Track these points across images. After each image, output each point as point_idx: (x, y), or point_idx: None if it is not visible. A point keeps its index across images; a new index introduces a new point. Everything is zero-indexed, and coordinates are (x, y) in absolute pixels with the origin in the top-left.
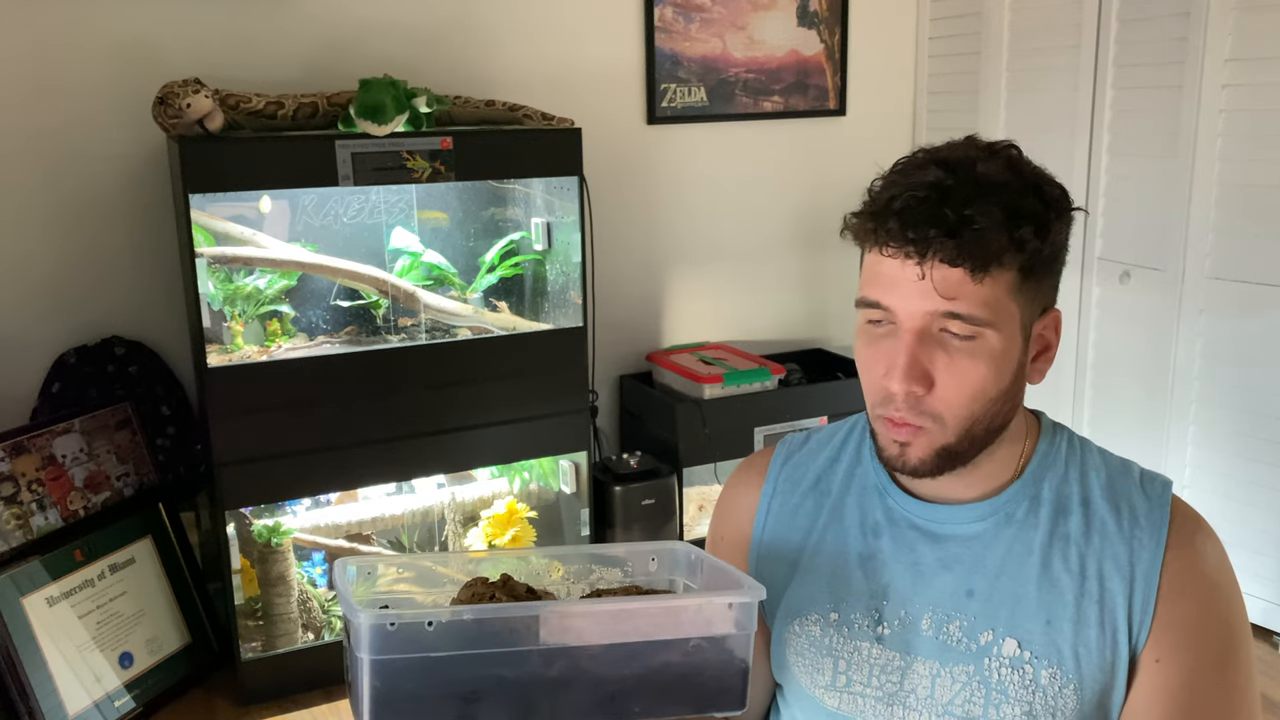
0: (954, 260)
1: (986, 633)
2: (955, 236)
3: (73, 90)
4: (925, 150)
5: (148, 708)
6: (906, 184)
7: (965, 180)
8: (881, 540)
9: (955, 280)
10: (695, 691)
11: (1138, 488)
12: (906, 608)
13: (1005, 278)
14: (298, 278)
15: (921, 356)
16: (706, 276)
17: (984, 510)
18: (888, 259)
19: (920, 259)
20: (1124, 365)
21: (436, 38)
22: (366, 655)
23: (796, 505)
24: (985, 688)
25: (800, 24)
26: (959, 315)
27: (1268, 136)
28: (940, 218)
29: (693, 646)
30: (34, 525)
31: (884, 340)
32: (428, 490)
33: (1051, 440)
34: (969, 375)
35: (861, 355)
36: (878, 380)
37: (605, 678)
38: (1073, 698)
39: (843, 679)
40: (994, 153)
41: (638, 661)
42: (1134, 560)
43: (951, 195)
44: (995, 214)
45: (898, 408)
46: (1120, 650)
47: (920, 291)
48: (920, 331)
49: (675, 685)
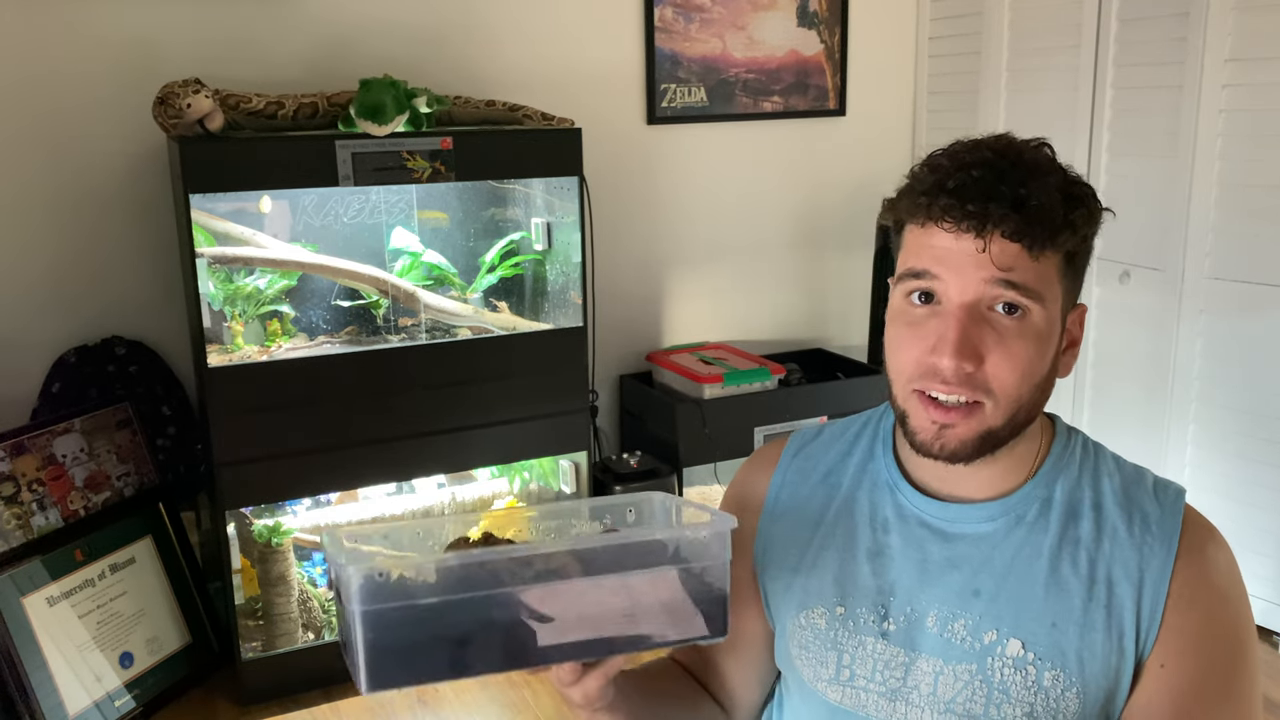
0: (1014, 234)
1: (990, 632)
2: (1019, 210)
3: (73, 90)
4: (965, 141)
5: (148, 708)
6: (957, 165)
7: (1017, 163)
8: (890, 536)
9: (1012, 254)
10: (679, 620)
11: (1150, 495)
12: (912, 604)
13: (1055, 259)
14: (298, 278)
15: (972, 333)
16: (706, 276)
17: (995, 510)
18: (943, 231)
19: (979, 232)
20: (1124, 365)
21: (437, 38)
22: (358, 607)
23: (806, 497)
24: (987, 687)
25: (800, 24)
26: (1014, 284)
27: (1268, 136)
28: (999, 193)
29: (671, 579)
30: (34, 525)
31: (928, 320)
32: (428, 490)
33: (1066, 443)
34: (1019, 353)
35: (899, 335)
36: (920, 356)
37: (593, 614)
38: (1075, 701)
39: (846, 673)
40: (1034, 146)
41: (621, 595)
42: (1144, 567)
43: (1007, 175)
44: (1052, 194)
45: (945, 380)
46: (1126, 656)
47: (977, 263)
48: (970, 306)
49: (660, 614)
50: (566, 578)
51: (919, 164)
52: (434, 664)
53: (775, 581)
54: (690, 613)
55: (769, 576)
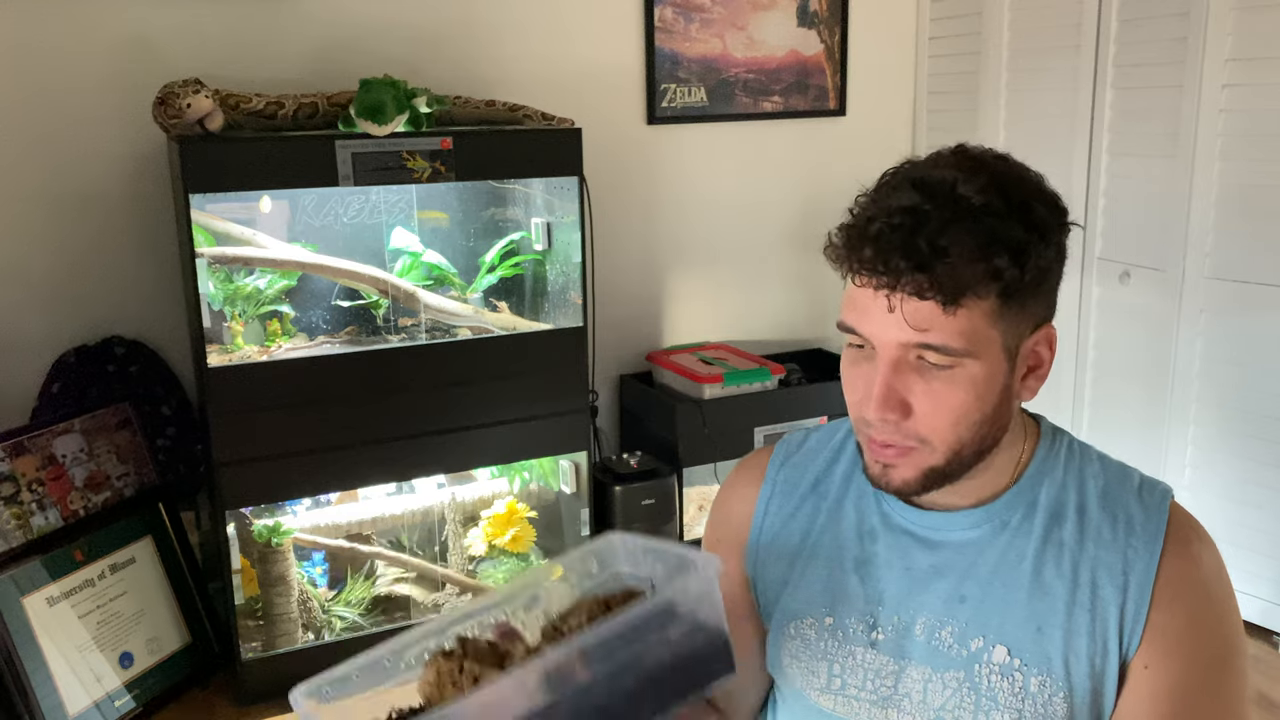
0: (923, 293)
1: (977, 639)
2: (926, 270)
3: (73, 90)
4: (909, 165)
5: (148, 708)
6: (882, 208)
7: (942, 205)
8: (877, 545)
9: (926, 312)
10: (690, 675)
11: (1135, 496)
12: (900, 613)
13: (982, 306)
14: (298, 278)
15: (897, 384)
16: (706, 276)
17: (978, 517)
18: (861, 288)
19: (890, 290)
20: (1124, 365)
21: (437, 38)
22: None
23: (795, 507)
24: (975, 694)
25: (800, 24)
26: (932, 346)
27: (1268, 136)
28: (912, 248)
29: (675, 638)
30: (34, 525)
31: (863, 364)
32: (428, 490)
33: (1050, 446)
34: (948, 401)
35: (845, 374)
36: (858, 403)
37: (607, 705)
38: (1062, 705)
39: (837, 682)
40: (977, 171)
41: (632, 674)
42: (1128, 569)
43: (926, 222)
44: (969, 243)
45: (878, 431)
46: (1110, 658)
47: (892, 322)
48: (895, 361)
49: (670, 677)
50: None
51: (864, 192)
52: None
53: (767, 592)
54: (698, 662)
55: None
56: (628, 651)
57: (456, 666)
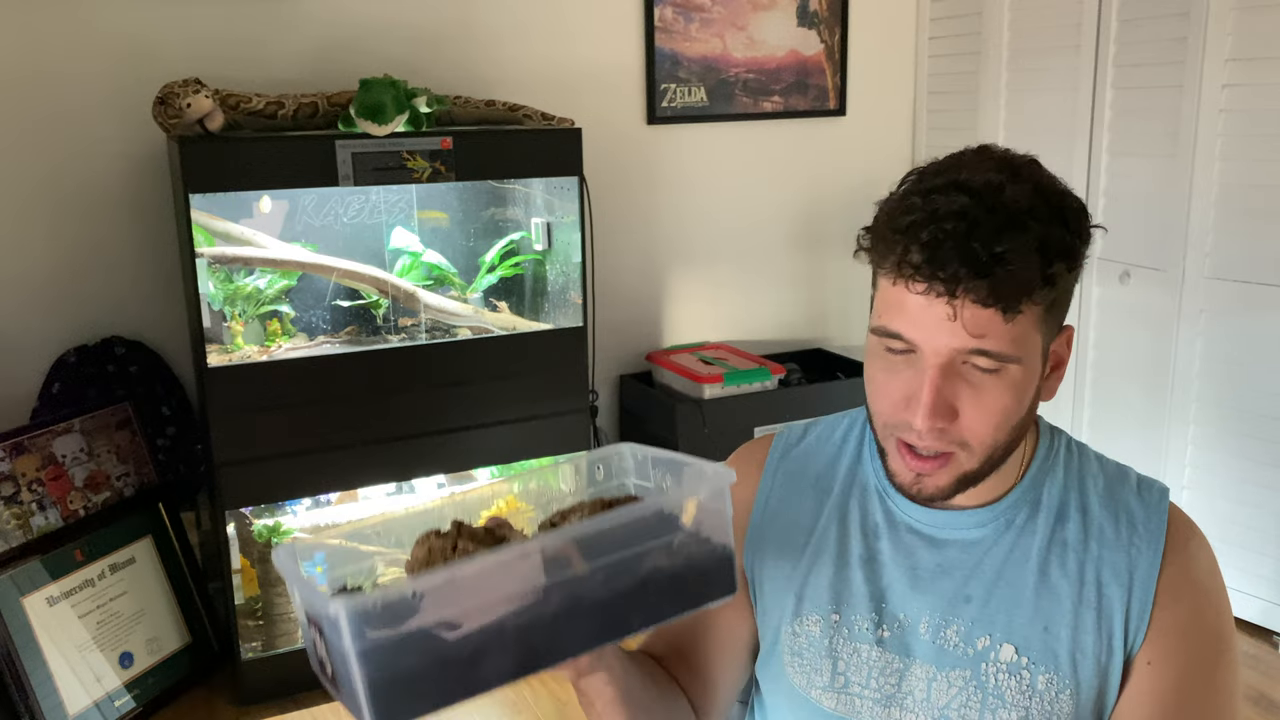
0: (986, 301)
1: (983, 638)
2: (988, 275)
3: (73, 90)
4: (945, 169)
5: (148, 708)
6: (930, 211)
7: (993, 210)
8: (881, 543)
9: (985, 319)
10: (687, 588)
11: (1135, 495)
12: (905, 611)
13: (1035, 311)
14: (298, 278)
15: (945, 391)
16: (706, 276)
17: (985, 516)
18: (913, 294)
19: (950, 297)
20: (1124, 365)
21: (436, 38)
22: (352, 645)
23: (797, 504)
24: (982, 692)
25: (800, 24)
26: (987, 353)
27: (1268, 136)
28: (970, 254)
29: (677, 545)
30: (34, 525)
31: (903, 369)
32: (428, 490)
33: (1050, 445)
34: (994, 406)
35: (877, 379)
36: (894, 406)
37: (601, 599)
38: (1069, 703)
39: (841, 680)
40: (1017, 175)
41: (629, 575)
42: (1132, 568)
43: (980, 227)
44: (1028, 250)
45: (920, 437)
46: (1115, 655)
47: (948, 330)
48: (945, 367)
49: (668, 587)
50: (568, 566)
51: (894, 195)
52: (444, 688)
53: (768, 588)
54: (697, 576)
55: (761, 582)
56: (627, 551)
57: (449, 545)
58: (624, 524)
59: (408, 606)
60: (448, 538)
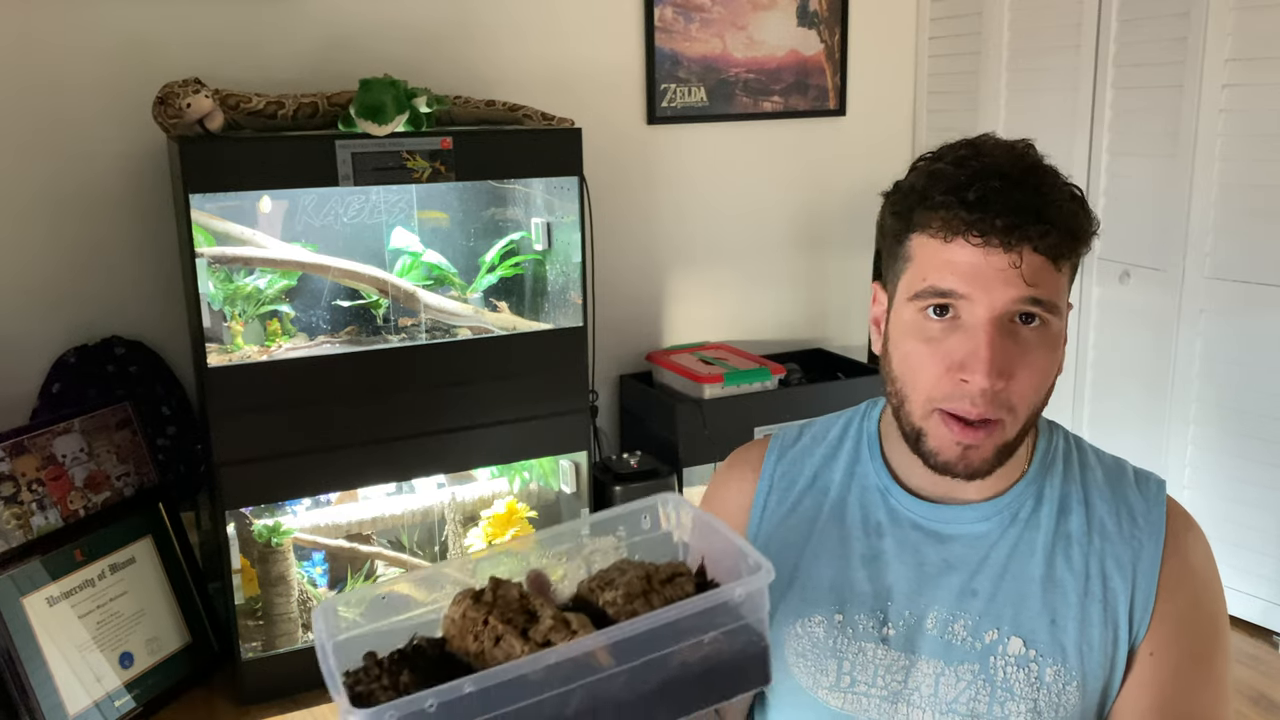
0: (1042, 248)
1: (991, 631)
2: (1046, 221)
3: (73, 90)
4: (952, 144)
5: (148, 708)
6: (970, 174)
7: (1029, 170)
8: (885, 540)
9: (1039, 266)
10: (719, 681)
11: (1133, 487)
12: (911, 608)
13: (1069, 267)
14: (298, 278)
15: (1002, 350)
16: (706, 276)
17: (989, 510)
18: (970, 246)
19: (1009, 247)
20: (1124, 365)
21: (436, 38)
22: None
23: (794, 504)
24: (990, 686)
25: (800, 24)
26: (1040, 301)
27: (1268, 136)
28: (1022, 205)
29: (709, 641)
30: (34, 525)
31: (948, 336)
32: (428, 490)
33: (1050, 438)
34: (1040, 365)
35: (917, 352)
36: (942, 375)
37: (625, 700)
38: (1076, 694)
39: (847, 679)
40: (1026, 147)
41: (655, 673)
42: (1135, 561)
43: (1023, 184)
44: (1068, 202)
45: (974, 402)
46: (1120, 646)
47: (1007, 280)
48: (998, 321)
49: (698, 681)
50: (594, 668)
51: (918, 170)
52: None
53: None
54: (730, 669)
55: None
56: (661, 650)
57: (481, 618)
58: (665, 623)
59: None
60: (481, 605)
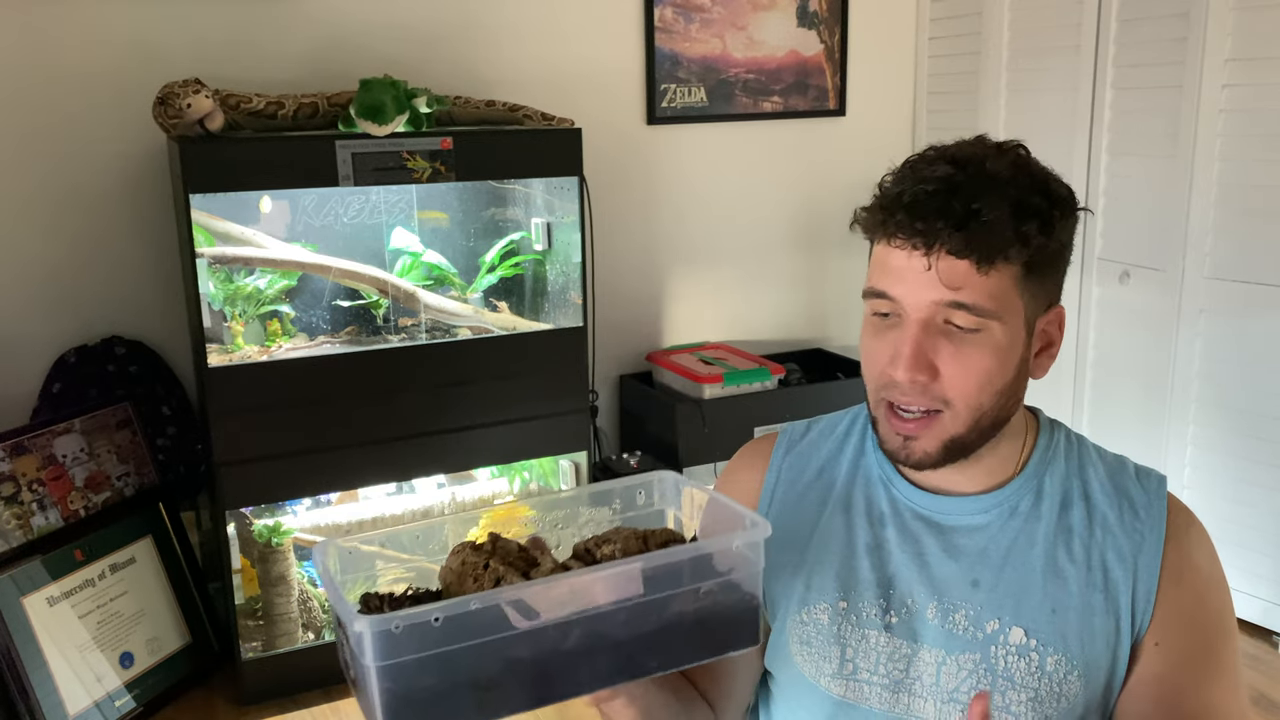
0: (960, 251)
1: (992, 621)
2: (962, 229)
3: (73, 90)
4: (936, 148)
5: (148, 708)
6: (916, 179)
7: (974, 175)
8: (887, 530)
9: (961, 271)
10: (711, 636)
11: (1135, 482)
12: (912, 596)
13: (1010, 271)
14: (298, 278)
15: (926, 346)
16: (706, 276)
17: (988, 503)
18: (896, 250)
19: (927, 250)
20: (1124, 365)
21: (436, 38)
22: (373, 663)
23: (800, 495)
24: (992, 675)
25: (800, 24)
26: (964, 305)
27: (1268, 136)
28: (948, 210)
29: (704, 592)
30: (34, 525)
31: (889, 331)
32: (428, 490)
33: (1050, 436)
34: (974, 364)
35: (867, 346)
36: (882, 368)
37: (621, 639)
38: (1077, 683)
39: (849, 666)
40: (1003, 151)
41: (651, 617)
42: (1136, 553)
43: (960, 190)
44: (1002, 208)
45: (904, 392)
46: (1123, 637)
47: (927, 282)
48: (925, 321)
49: (690, 633)
50: (595, 603)
51: (890, 172)
52: (457, 710)
53: (776, 580)
54: (722, 624)
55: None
56: (655, 595)
57: (481, 562)
58: (657, 566)
59: (429, 630)
60: (481, 553)
